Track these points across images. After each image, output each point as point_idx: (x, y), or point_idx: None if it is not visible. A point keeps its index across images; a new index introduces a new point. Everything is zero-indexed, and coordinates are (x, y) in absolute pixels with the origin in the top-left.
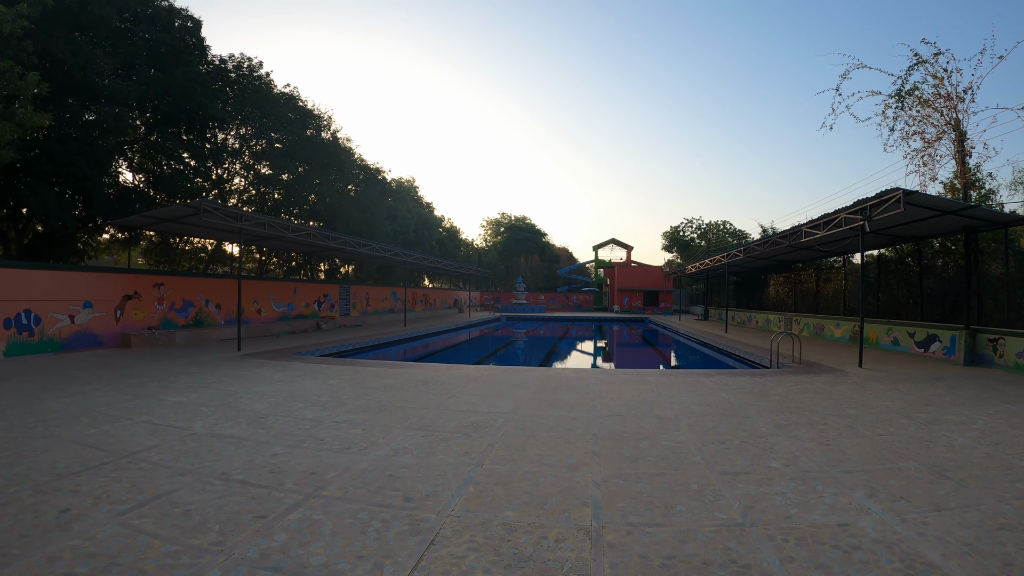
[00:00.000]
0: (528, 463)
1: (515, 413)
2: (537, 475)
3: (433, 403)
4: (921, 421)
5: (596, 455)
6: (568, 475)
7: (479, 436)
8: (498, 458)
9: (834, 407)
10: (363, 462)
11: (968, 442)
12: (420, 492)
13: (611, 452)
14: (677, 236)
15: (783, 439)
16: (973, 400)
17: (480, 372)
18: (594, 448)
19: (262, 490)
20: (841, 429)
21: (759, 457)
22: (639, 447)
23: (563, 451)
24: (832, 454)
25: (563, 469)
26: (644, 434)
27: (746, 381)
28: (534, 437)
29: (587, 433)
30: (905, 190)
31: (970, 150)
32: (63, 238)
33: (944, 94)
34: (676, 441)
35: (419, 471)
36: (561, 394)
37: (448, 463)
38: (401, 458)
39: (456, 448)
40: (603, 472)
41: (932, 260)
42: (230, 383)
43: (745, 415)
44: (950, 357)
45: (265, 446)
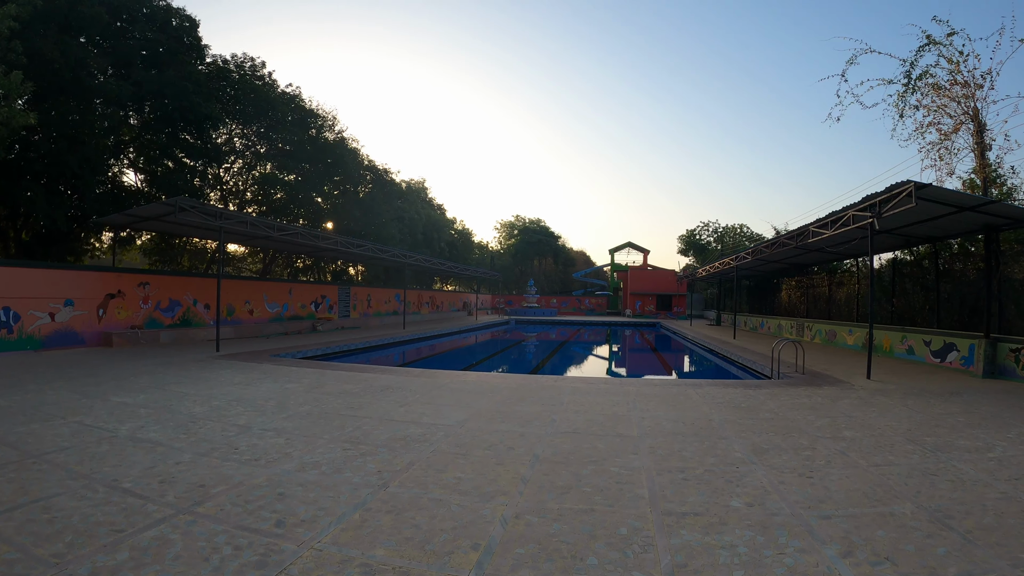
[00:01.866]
0: (440, 488)
1: (461, 426)
2: (441, 504)
3: (379, 412)
4: (928, 447)
5: (524, 482)
6: (477, 507)
7: (405, 452)
8: (410, 480)
9: (829, 427)
10: (261, 476)
11: (981, 476)
12: (298, 517)
13: (543, 479)
14: (693, 240)
15: (757, 468)
16: (991, 420)
17: (449, 379)
18: (526, 473)
19: (139, 501)
20: (831, 456)
21: (720, 492)
22: (579, 474)
23: (488, 475)
24: (812, 490)
25: (476, 498)
26: (594, 457)
27: (736, 394)
28: (465, 456)
29: (528, 454)
30: (917, 183)
31: (990, 143)
32: (60, 237)
33: (961, 81)
34: (627, 467)
35: (313, 491)
36: (524, 405)
37: (351, 483)
38: (305, 474)
39: (371, 465)
40: (521, 505)
41: (951, 263)
42: (186, 384)
43: (722, 436)
44: (968, 368)
45: (175, 453)
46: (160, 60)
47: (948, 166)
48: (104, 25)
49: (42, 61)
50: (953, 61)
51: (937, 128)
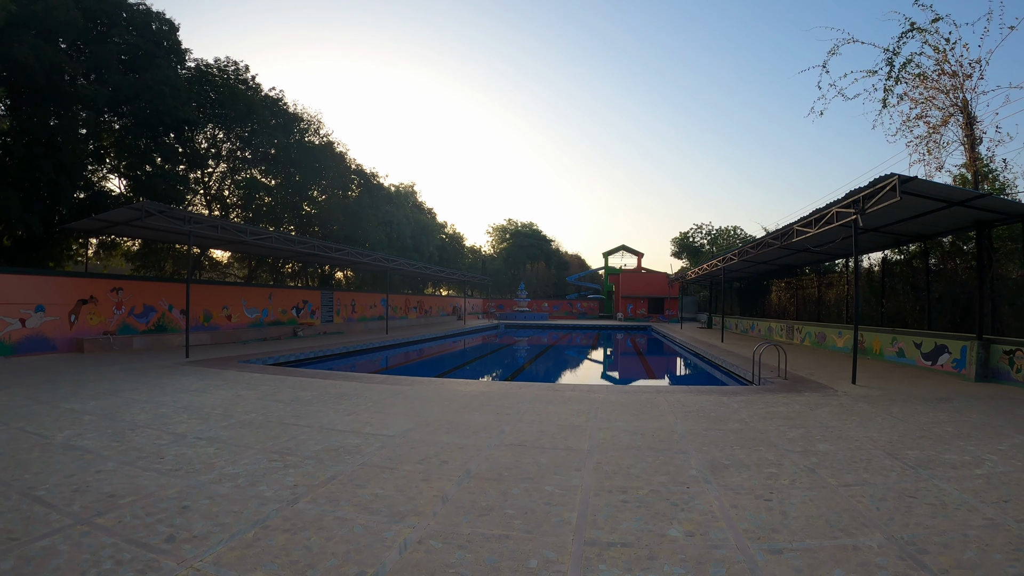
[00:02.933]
0: (351, 506)
1: (402, 437)
2: (344, 524)
3: (323, 421)
4: (909, 462)
5: (444, 501)
6: (382, 528)
7: (332, 465)
8: (323, 496)
9: (802, 439)
10: (175, 487)
11: (966, 498)
12: (192, 532)
13: (466, 498)
14: (687, 242)
15: (711, 488)
16: (981, 429)
17: (411, 386)
18: (450, 491)
19: (45, 509)
20: (797, 474)
21: (659, 518)
22: (508, 493)
23: (408, 493)
24: (767, 516)
25: (384, 519)
26: (531, 473)
27: (708, 402)
28: (392, 470)
29: (461, 469)
30: (901, 176)
31: (981, 135)
32: (41, 243)
33: (949, 71)
34: (564, 486)
35: (220, 504)
36: (477, 415)
37: (262, 497)
38: (219, 486)
39: (290, 479)
40: (430, 528)
41: (943, 261)
42: (141, 391)
43: (681, 449)
44: (960, 371)
45: (100, 461)
46: (138, 64)
47: (937, 160)
48: (80, 30)
49: (16, 66)
50: (940, 50)
51: (925, 121)
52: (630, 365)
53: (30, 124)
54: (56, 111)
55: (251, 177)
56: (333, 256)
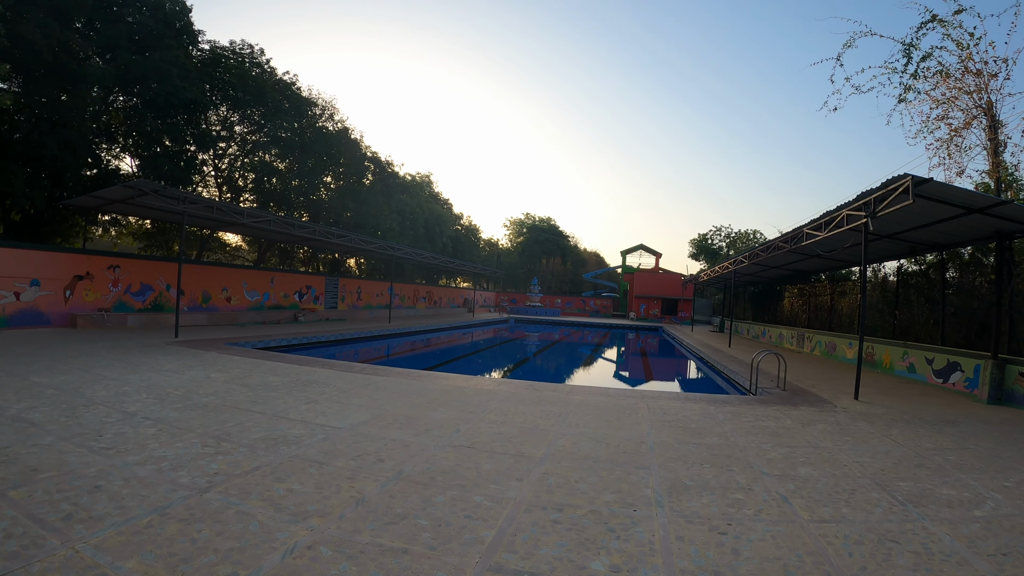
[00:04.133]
0: (260, 500)
1: (350, 431)
2: (244, 519)
3: (277, 408)
4: (899, 496)
5: (360, 503)
6: (279, 527)
7: (264, 455)
8: (237, 487)
9: (783, 461)
10: (97, 466)
11: (958, 547)
12: (91, 512)
13: (384, 502)
14: (705, 244)
15: (661, 514)
16: (988, 460)
17: (384, 378)
18: (371, 493)
19: None
20: (766, 503)
21: (586, 547)
22: (431, 500)
23: (326, 491)
24: (714, 555)
25: (286, 517)
26: (467, 480)
27: (693, 410)
28: (322, 465)
29: (394, 469)
30: (915, 177)
31: (1005, 141)
32: (49, 219)
33: (973, 69)
34: (496, 498)
35: (132, 487)
36: (440, 411)
37: (176, 483)
38: (141, 468)
39: (214, 466)
40: (327, 533)
41: (961, 274)
42: (114, 369)
43: (644, 464)
44: (972, 391)
45: (40, 435)
46: (148, 44)
47: (958, 165)
48: (89, 9)
49: (25, 45)
50: (963, 45)
51: (947, 123)
52: (624, 367)
53: (36, 101)
54: (63, 89)
55: (262, 160)
56: (334, 242)
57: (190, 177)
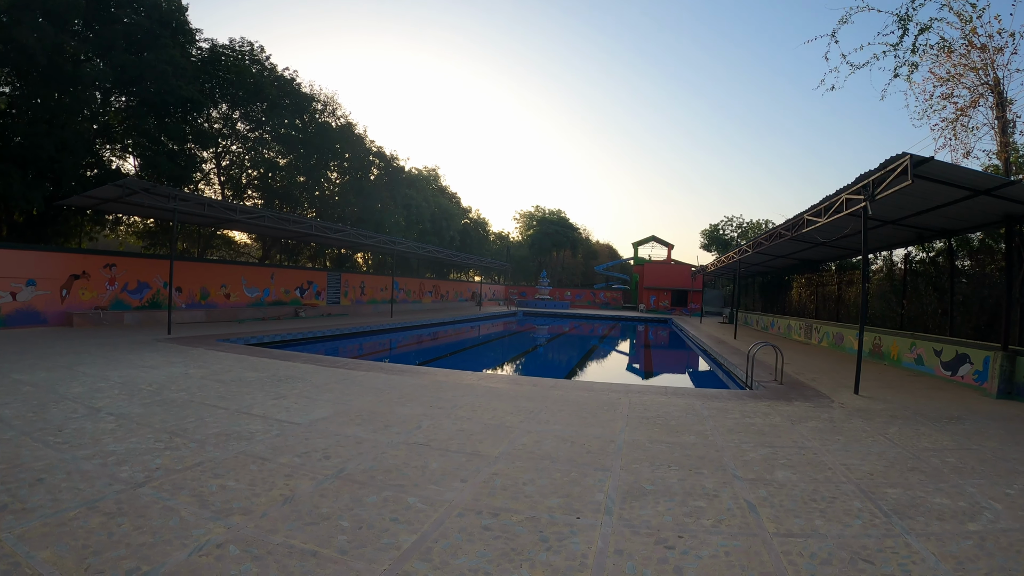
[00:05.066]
0: (189, 496)
1: (308, 427)
2: (167, 514)
3: (243, 404)
4: (885, 505)
5: (287, 502)
6: (198, 524)
7: (212, 450)
8: (172, 482)
9: (762, 463)
10: (47, 459)
11: (944, 570)
12: (24, 504)
13: (313, 502)
14: (716, 235)
15: (607, 523)
16: (990, 463)
17: (363, 372)
18: (302, 492)
19: None
20: (731, 512)
21: (511, 557)
22: (363, 501)
23: (258, 488)
24: (652, 574)
25: (209, 514)
26: (409, 480)
27: (678, 405)
28: (266, 461)
29: (336, 467)
30: (914, 156)
31: (1014, 119)
32: (51, 220)
33: (979, 44)
34: (431, 500)
35: (74, 480)
36: (408, 407)
37: (117, 478)
38: (88, 463)
39: (158, 461)
40: (244, 532)
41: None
42: (97, 366)
43: (605, 465)
44: (982, 384)
45: (2, 430)
46: (144, 44)
47: (965, 146)
48: (83, 11)
49: (19, 47)
50: (965, 18)
51: (951, 101)
52: (621, 360)
53: (32, 103)
54: (59, 91)
55: (264, 157)
56: (332, 237)
57: (190, 175)
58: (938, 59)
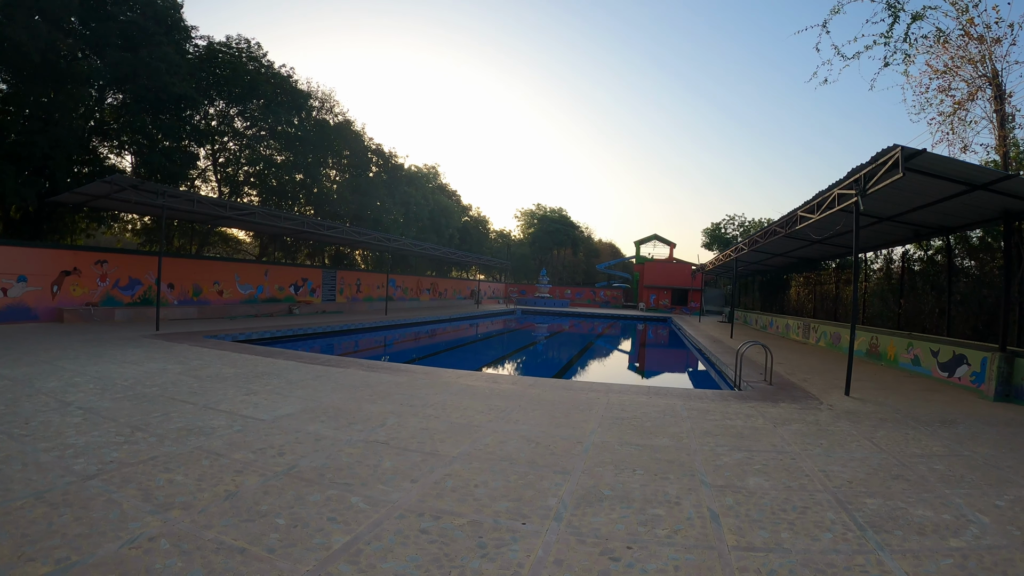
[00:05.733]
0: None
1: (271, 422)
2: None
3: (213, 399)
4: (861, 517)
5: (229, 497)
6: (137, 517)
7: (170, 445)
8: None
9: (734, 468)
10: (6, 452)
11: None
12: None
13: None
14: (718, 233)
15: (553, 529)
16: (982, 470)
17: (342, 369)
18: (247, 488)
19: None
20: (690, 522)
21: (444, 563)
22: (304, 500)
23: (206, 483)
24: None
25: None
26: (357, 478)
27: (658, 406)
28: (219, 457)
29: (288, 463)
30: (905, 148)
31: (1013, 113)
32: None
33: (976, 35)
34: (375, 500)
35: (28, 472)
36: (377, 404)
37: (70, 470)
38: (47, 455)
39: (115, 454)
40: (179, 526)
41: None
42: (78, 361)
43: (566, 468)
44: (979, 386)
45: None
46: (138, 41)
47: (963, 140)
48: (77, 9)
49: (12, 45)
50: (961, 8)
51: (948, 95)
52: (611, 359)
53: (26, 101)
54: (53, 88)
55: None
56: (325, 234)
57: (186, 173)
58: (933, 50)
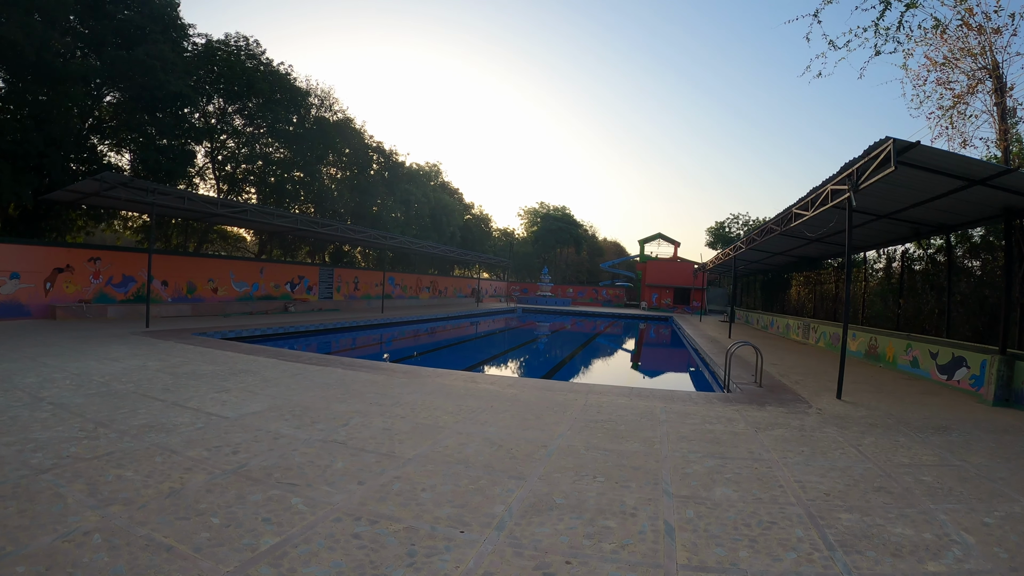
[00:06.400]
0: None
1: (235, 420)
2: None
3: (183, 396)
4: (832, 534)
5: (171, 495)
6: (75, 512)
7: (129, 441)
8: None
9: (704, 477)
10: None
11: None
12: None
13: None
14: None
15: (494, 539)
16: (974, 482)
17: (318, 367)
18: (192, 486)
19: None
20: (639, 537)
21: (360, 573)
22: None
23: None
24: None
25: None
26: (305, 480)
27: (637, 408)
28: (173, 454)
29: (239, 462)
30: (897, 141)
31: (1014, 106)
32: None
33: (975, 25)
34: (317, 501)
35: None
36: (346, 403)
37: (26, 464)
38: (6, 449)
39: (72, 449)
40: (113, 523)
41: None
42: (61, 357)
43: (522, 473)
44: (979, 390)
45: None
46: (135, 40)
47: (962, 134)
48: (71, 8)
49: (7, 44)
50: None
51: (947, 88)
52: (602, 359)
53: (21, 99)
54: (48, 86)
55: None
56: (317, 231)
57: (183, 171)
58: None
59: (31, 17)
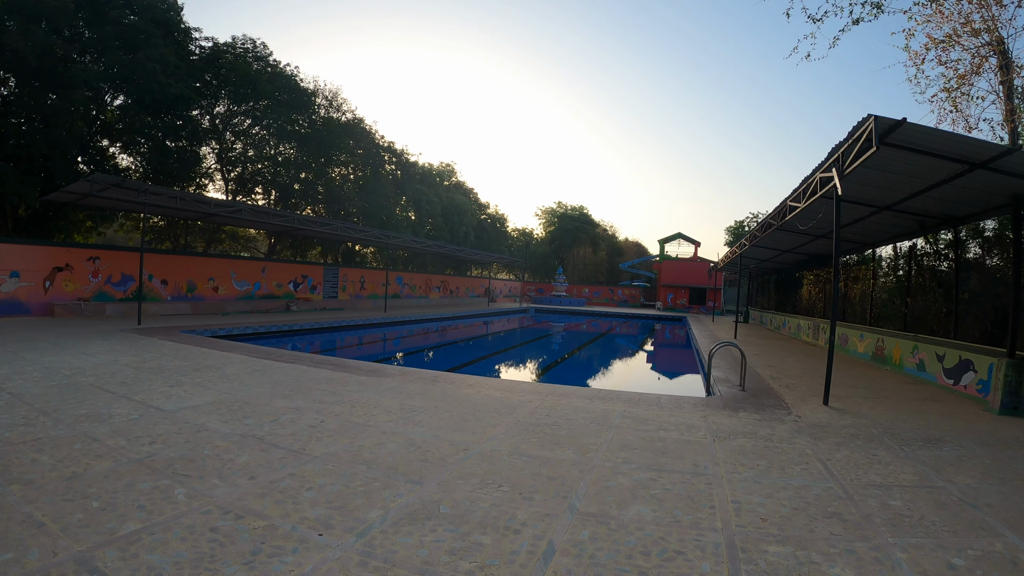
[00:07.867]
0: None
1: (172, 413)
2: None
3: (134, 391)
4: (750, 573)
5: (69, 479)
6: None
7: (60, 429)
8: None
9: (626, 492)
10: None
11: None
12: None
13: (84, 483)
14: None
15: (347, 546)
16: (954, 509)
17: (284, 364)
18: (93, 471)
19: None
20: (509, 560)
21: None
22: (133, 487)
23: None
24: None
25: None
26: (198, 472)
27: (592, 411)
28: (95, 442)
29: (149, 453)
30: (880, 118)
31: (1021, 85)
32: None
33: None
34: (198, 494)
35: None
36: (290, 400)
37: None
38: None
39: (5, 435)
40: None
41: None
42: (43, 352)
43: (421, 479)
44: (985, 396)
45: None
46: (138, 44)
47: (966, 118)
48: (72, 14)
49: (9, 50)
50: None
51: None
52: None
53: (26, 103)
54: (51, 91)
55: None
56: (317, 230)
57: (188, 172)
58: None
59: (33, 25)
